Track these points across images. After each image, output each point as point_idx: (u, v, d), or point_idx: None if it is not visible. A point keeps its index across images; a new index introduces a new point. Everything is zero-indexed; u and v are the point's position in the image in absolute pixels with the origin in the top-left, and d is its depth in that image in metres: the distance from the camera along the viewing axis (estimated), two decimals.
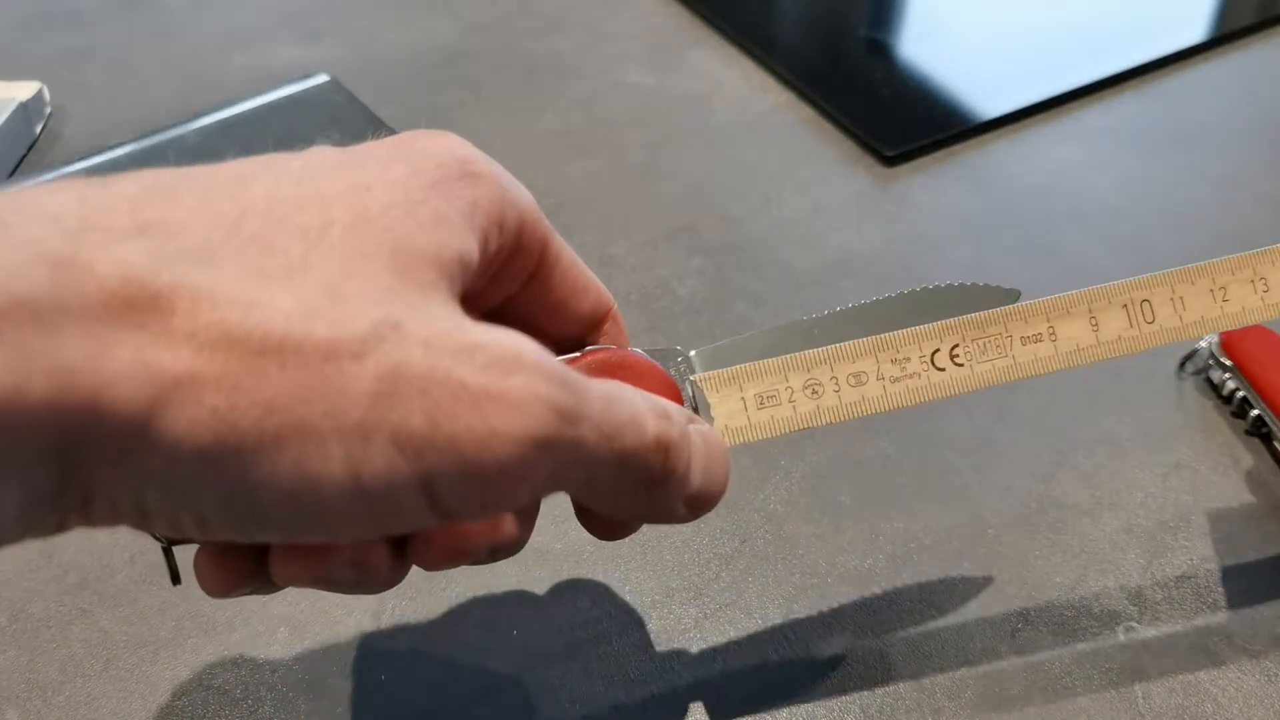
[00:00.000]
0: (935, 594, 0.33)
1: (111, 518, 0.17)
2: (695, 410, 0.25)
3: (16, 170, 0.49)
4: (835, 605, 0.33)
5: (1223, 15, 0.57)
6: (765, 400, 0.26)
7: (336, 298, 0.17)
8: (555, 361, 0.19)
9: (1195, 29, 0.56)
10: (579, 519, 0.25)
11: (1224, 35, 0.56)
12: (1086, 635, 0.32)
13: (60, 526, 0.17)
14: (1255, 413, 0.37)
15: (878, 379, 0.26)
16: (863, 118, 0.50)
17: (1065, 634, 0.32)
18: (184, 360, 0.15)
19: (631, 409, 0.20)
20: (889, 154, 0.49)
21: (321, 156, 0.20)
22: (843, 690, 0.31)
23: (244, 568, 0.21)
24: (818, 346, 0.26)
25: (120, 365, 0.15)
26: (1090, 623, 0.32)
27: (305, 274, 0.17)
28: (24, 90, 0.50)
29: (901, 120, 0.50)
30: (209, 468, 0.16)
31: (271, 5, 0.60)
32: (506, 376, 0.17)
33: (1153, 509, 0.35)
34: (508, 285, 0.23)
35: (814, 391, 0.26)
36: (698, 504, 0.22)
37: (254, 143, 0.46)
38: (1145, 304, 0.27)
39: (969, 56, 0.55)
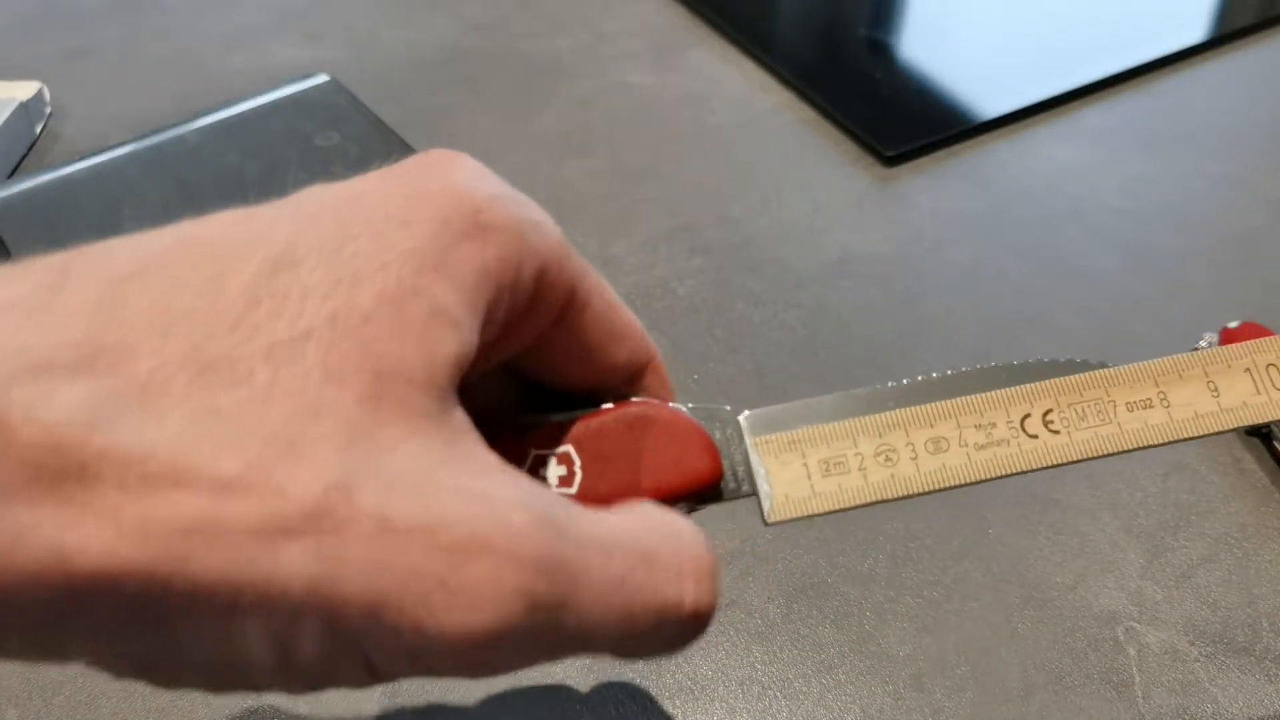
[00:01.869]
0: (935, 594, 0.33)
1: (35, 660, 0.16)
2: (747, 476, 0.23)
3: (16, 170, 0.49)
4: (835, 605, 0.33)
5: (1223, 15, 0.57)
6: (832, 467, 0.23)
7: (292, 450, 0.15)
8: (543, 532, 0.16)
9: (1195, 29, 0.56)
10: None
11: (1224, 35, 0.56)
12: (1086, 635, 0.32)
13: None
14: None
15: (960, 445, 0.23)
16: (863, 118, 0.50)
17: (1065, 634, 0.32)
18: (105, 546, 0.14)
19: (655, 584, 0.18)
20: (889, 154, 0.49)
21: (308, 220, 0.17)
22: (843, 690, 0.31)
23: None
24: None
25: (35, 554, 0.14)
26: (1090, 623, 0.32)
27: (265, 412, 0.15)
28: (24, 90, 0.50)
29: (901, 120, 0.50)
30: (121, 648, 0.15)
31: (271, 5, 0.60)
32: (469, 563, 0.15)
33: (1153, 509, 0.35)
34: (522, 338, 0.20)
35: (887, 458, 0.23)
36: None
37: (254, 143, 0.46)
38: (1271, 368, 0.24)
39: (969, 56, 0.55)
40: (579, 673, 0.31)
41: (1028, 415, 0.23)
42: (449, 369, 0.17)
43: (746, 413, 0.23)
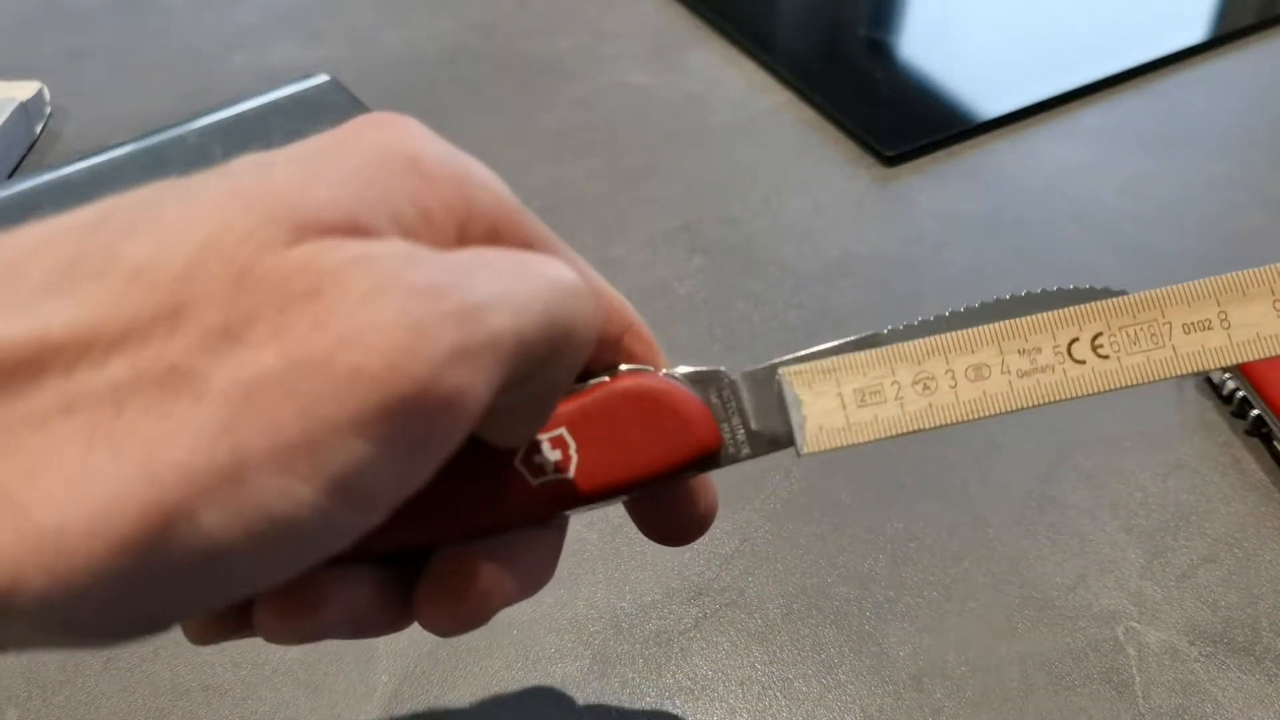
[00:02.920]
0: (935, 594, 0.33)
1: None
2: (784, 410, 0.22)
3: (16, 170, 0.49)
4: (835, 605, 0.33)
5: (1223, 15, 0.57)
6: (868, 397, 0.22)
7: (162, 308, 0.14)
8: (420, 259, 0.15)
9: (1195, 29, 0.56)
10: (641, 527, 0.24)
11: (1224, 35, 0.56)
12: (1086, 635, 0.32)
13: None
14: (1255, 413, 0.37)
15: (1002, 372, 0.22)
16: (863, 118, 0.50)
17: (1065, 634, 0.32)
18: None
19: (529, 265, 0.17)
20: (889, 154, 0.49)
21: (225, 175, 0.16)
22: (843, 690, 0.31)
23: (225, 621, 0.20)
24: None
25: None
26: (1090, 623, 0.32)
27: (143, 280, 0.14)
28: (24, 90, 0.50)
29: (901, 120, 0.50)
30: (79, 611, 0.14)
31: (271, 5, 0.60)
32: (372, 314, 0.14)
33: (1153, 509, 0.35)
34: None
35: (926, 387, 0.22)
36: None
37: (254, 143, 0.46)
38: None
39: (969, 56, 0.55)
40: (579, 672, 0.31)
41: (1075, 339, 0.22)
42: (372, 227, 0.16)
43: (745, 370, 0.23)
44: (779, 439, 0.23)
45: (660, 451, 0.21)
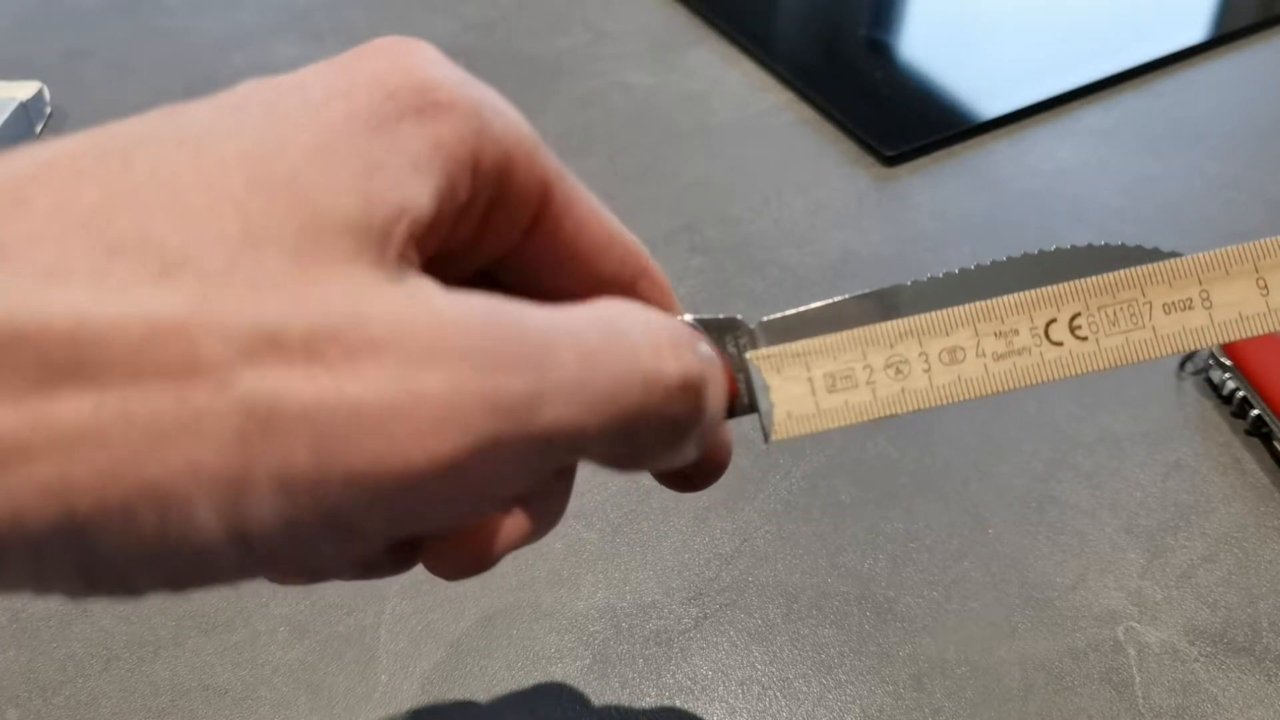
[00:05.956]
0: (935, 594, 0.33)
1: None
2: (749, 395, 0.22)
3: None
4: (835, 605, 0.33)
5: (1223, 15, 0.57)
6: (838, 382, 0.21)
7: (207, 304, 0.14)
8: (498, 325, 0.15)
9: (1195, 29, 0.56)
10: (653, 473, 0.23)
11: (1224, 35, 0.56)
12: (1086, 635, 0.32)
13: None
14: (1255, 413, 0.37)
15: (977, 355, 0.21)
16: (863, 118, 0.50)
17: (1065, 634, 0.32)
18: (5, 424, 0.13)
19: (632, 353, 0.16)
20: (889, 154, 0.49)
21: (243, 98, 0.16)
22: (843, 690, 0.31)
23: None
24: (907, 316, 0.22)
25: None
26: (1090, 623, 0.32)
27: (181, 274, 0.14)
28: (24, 90, 0.50)
29: (901, 120, 0.50)
30: (49, 552, 0.13)
31: (271, 5, 0.60)
32: (417, 378, 0.14)
33: (1153, 509, 0.35)
34: (499, 239, 0.18)
35: (898, 371, 0.21)
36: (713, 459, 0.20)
37: None
38: None
39: (969, 56, 0.55)
40: (579, 672, 0.31)
41: (1053, 320, 0.21)
42: (391, 220, 0.15)
43: (763, 319, 0.22)
44: None
45: None
